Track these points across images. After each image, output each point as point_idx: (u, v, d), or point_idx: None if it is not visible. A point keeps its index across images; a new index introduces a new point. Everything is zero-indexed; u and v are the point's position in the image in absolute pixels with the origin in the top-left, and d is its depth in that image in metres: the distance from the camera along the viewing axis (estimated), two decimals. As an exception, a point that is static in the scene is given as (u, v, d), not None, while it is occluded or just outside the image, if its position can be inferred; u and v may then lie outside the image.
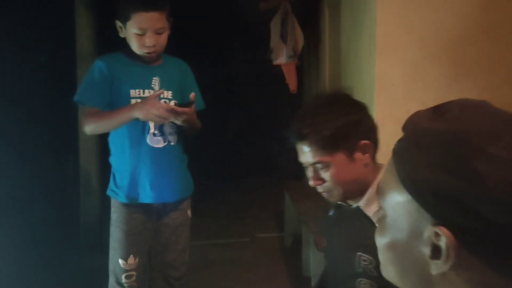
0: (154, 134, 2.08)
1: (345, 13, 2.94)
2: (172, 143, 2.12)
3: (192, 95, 2.00)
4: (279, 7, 4.33)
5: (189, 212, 2.26)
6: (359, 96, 2.24)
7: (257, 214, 5.18)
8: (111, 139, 2.16)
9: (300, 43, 4.30)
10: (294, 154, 1.36)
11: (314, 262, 2.52)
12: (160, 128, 2.08)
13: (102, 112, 2.04)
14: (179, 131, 2.13)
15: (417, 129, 0.59)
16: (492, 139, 0.53)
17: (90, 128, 2.06)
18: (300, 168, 1.41)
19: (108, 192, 2.18)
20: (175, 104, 1.99)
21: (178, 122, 2.00)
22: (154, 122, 2.02)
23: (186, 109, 1.96)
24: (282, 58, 4.34)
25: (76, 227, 4.08)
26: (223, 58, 7.29)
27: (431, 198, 0.56)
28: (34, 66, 3.66)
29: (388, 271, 0.65)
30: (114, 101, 2.05)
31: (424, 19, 2.15)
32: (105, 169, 4.16)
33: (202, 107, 2.25)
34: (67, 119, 4.00)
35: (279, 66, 4.40)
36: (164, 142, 2.10)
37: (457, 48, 2.15)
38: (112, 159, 2.17)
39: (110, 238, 2.17)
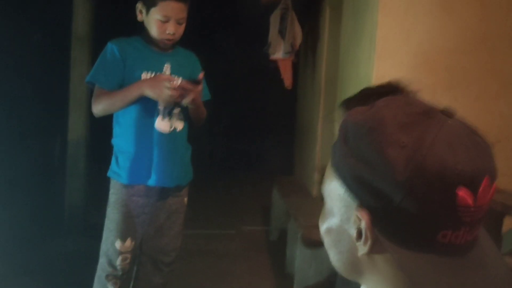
0: (163, 119, 2.11)
1: (347, 15, 2.96)
2: (178, 130, 2.15)
3: (200, 75, 2.03)
4: (280, 2, 4.33)
5: (185, 199, 2.29)
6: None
7: (244, 207, 5.20)
8: (116, 120, 2.18)
9: (298, 39, 4.30)
10: (285, 149, 1.37)
11: (299, 259, 2.54)
12: (168, 113, 2.12)
13: (112, 91, 2.08)
14: (186, 118, 2.17)
15: (344, 122, 0.65)
16: (405, 129, 0.58)
17: (100, 107, 2.09)
18: (290, 164, 1.42)
19: (109, 174, 2.20)
20: (187, 81, 2.02)
21: (185, 102, 2.02)
22: (162, 101, 2.04)
23: (194, 86, 1.99)
24: (279, 53, 4.34)
25: (61, 210, 4.07)
26: (219, 49, 7.27)
27: (353, 184, 0.61)
28: (27, 45, 3.61)
29: (330, 256, 0.70)
30: (126, 84, 2.08)
31: (423, 26, 2.17)
32: (93, 153, 4.17)
33: (208, 98, 2.30)
34: (58, 100, 3.98)
35: (275, 61, 4.40)
36: (171, 127, 2.13)
37: (453, 56, 2.17)
38: (116, 141, 2.19)
39: (106, 220, 2.19)
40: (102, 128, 2.76)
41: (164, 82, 1.98)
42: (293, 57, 4.44)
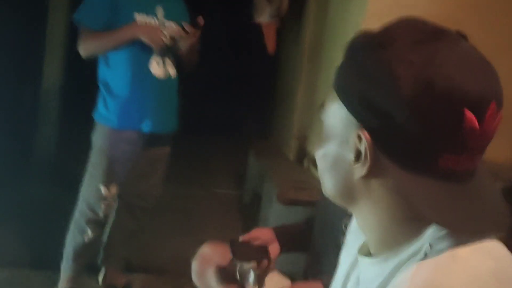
0: (158, 64, 2.08)
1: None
2: (173, 76, 2.13)
3: (200, 18, 1.99)
4: (268, -37, 4.23)
5: (169, 149, 2.29)
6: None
7: (218, 170, 5.19)
8: (105, 62, 2.13)
9: (285, 5, 4.23)
10: (262, 114, 1.35)
11: (273, 217, 2.56)
12: (163, 59, 2.09)
13: (102, 32, 2.02)
14: (178, 65, 2.16)
15: (352, 41, 0.63)
16: (415, 47, 0.57)
17: (89, 49, 2.04)
18: (266, 129, 1.41)
19: (96, 117, 2.15)
20: (183, 26, 1.99)
21: (183, 47, 1.98)
22: (158, 47, 1.98)
23: (194, 31, 1.97)
24: (264, 16, 4.26)
25: (30, 157, 3.96)
26: (200, 8, 7.10)
27: (356, 103, 0.60)
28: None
29: (323, 182, 0.69)
30: (117, 24, 2.03)
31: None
32: (68, 99, 4.04)
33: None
34: (33, 45, 3.83)
35: (259, 24, 4.33)
36: (166, 73, 2.12)
37: (443, 24, 2.16)
38: (105, 82, 2.12)
39: (90, 165, 2.16)
40: (79, 74, 2.67)
41: (160, 29, 1.97)
42: (278, 22, 4.38)
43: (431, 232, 0.60)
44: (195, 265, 1.13)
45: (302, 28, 4.07)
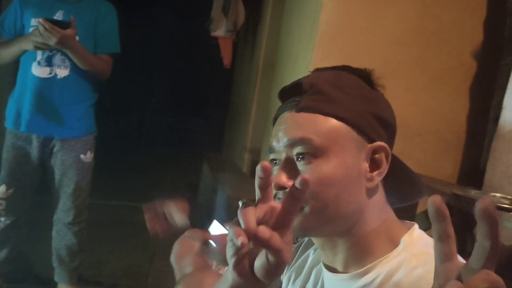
0: (39, 64, 2.10)
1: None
2: (59, 77, 2.12)
3: (71, 18, 2.01)
4: (225, -21, 4.29)
5: (85, 155, 2.22)
6: (289, 81, 2.30)
7: (172, 183, 5.15)
8: None
9: (241, 19, 4.29)
10: (216, 128, 1.39)
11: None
12: (47, 59, 2.10)
13: (6, 41, 2.13)
14: (72, 67, 2.13)
15: (323, 80, 0.72)
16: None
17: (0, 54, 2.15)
18: (220, 143, 1.44)
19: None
20: (45, 20, 1.98)
21: (50, 43, 1.98)
22: (38, 47, 2.03)
23: (53, 26, 1.95)
24: (221, 30, 4.31)
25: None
26: (158, 21, 7.08)
27: (365, 122, 0.69)
28: None
29: (330, 210, 0.67)
30: (22, 32, 2.12)
31: (366, 13, 2.25)
32: None
33: (117, 51, 2.26)
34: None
35: (216, 38, 4.37)
36: (50, 73, 2.11)
37: (390, 47, 2.28)
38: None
39: None
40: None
41: (34, 29, 1.99)
42: (234, 36, 4.44)
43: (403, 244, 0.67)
44: (176, 247, 1.14)
45: (257, 44, 4.15)
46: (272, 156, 0.72)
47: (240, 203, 0.56)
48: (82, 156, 2.21)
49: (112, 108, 2.03)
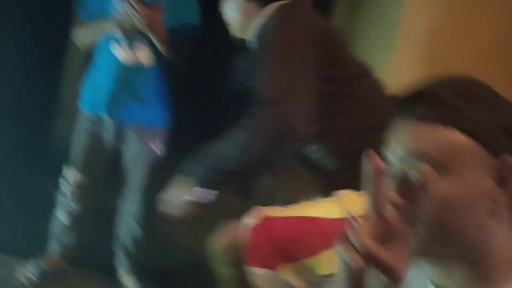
0: (122, 47, 2.00)
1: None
2: (143, 62, 2.02)
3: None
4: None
5: (155, 146, 2.12)
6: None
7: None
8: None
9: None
10: None
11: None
12: (131, 42, 1.98)
13: (87, 24, 2.04)
14: (156, 53, 2.01)
15: (446, 87, 0.65)
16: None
17: (78, 41, 2.10)
18: None
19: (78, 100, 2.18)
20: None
21: (136, 24, 1.89)
22: (122, 29, 1.94)
23: (142, 6, 1.84)
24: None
25: (46, 151, 3.95)
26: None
27: (497, 133, 0.62)
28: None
29: (444, 220, 0.63)
30: (103, 14, 2.00)
31: (449, 24, 2.13)
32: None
33: (196, 21, 2.05)
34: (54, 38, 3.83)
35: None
36: (133, 58, 2.01)
37: (474, 59, 2.14)
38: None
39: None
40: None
41: (120, 9, 1.90)
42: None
43: None
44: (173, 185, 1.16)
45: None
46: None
47: (349, 216, 0.56)
48: (153, 146, 2.13)
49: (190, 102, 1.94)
